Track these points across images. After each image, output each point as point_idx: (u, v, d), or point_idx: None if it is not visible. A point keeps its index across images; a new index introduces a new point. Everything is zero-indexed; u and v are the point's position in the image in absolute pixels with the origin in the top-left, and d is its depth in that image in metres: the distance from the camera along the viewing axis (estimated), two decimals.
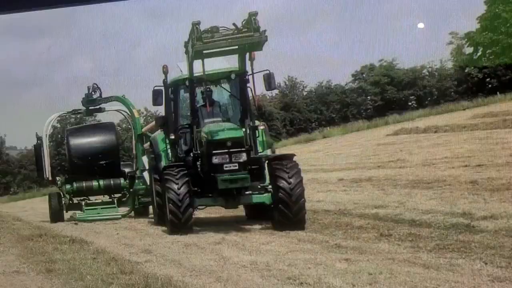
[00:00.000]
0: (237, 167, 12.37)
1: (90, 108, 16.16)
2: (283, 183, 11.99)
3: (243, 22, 12.00)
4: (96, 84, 16.18)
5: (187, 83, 13.32)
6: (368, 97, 28.91)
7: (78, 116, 20.52)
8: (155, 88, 13.55)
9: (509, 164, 13.87)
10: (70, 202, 15.08)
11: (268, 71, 12.98)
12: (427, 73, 27.88)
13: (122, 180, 15.76)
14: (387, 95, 28.26)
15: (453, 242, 9.37)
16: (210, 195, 12.84)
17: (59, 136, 22.58)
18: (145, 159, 15.30)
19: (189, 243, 11.35)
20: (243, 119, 13.18)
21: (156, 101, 13.62)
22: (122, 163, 16.99)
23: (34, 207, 17.53)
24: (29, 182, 21.41)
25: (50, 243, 12.20)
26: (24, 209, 17.69)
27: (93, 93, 16.06)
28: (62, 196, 14.88)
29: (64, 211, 14.84)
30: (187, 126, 13.65)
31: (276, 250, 10.03)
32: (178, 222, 12.24)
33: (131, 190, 15.41)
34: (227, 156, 12.37)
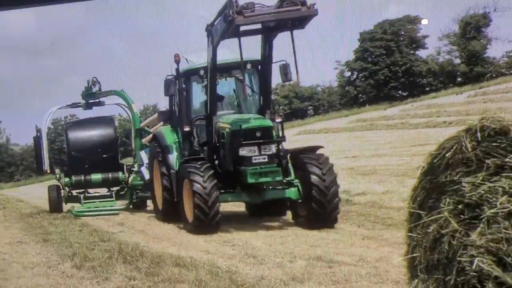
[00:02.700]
0: (266, 160, 8.66)
1: (90, 101, 13.10)
2: (317, 180, 8.49)
3: None
4: (96, 78, 13.06)
5: (201, 72, 9.32)
6: (281, 107, 29.56)
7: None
8: (167, 77, 9.88)
9: (374, 156, 14.32)
10: (69, 194, 12.51)
11: (284, 62, 9.21)
12: (320, 90, 28.74)
13: (120, 174, 12.75)
14: (293, 105, 28.93)
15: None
16: (231, 190, 9.02)
17: (56, 130, 19.44)
18: (143, 154, 12.27)
19: (152, 217, 11.21)
20: (265, 110, 9.26)
21: (168, 91, 9.89)
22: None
23: (33, 191, 16.87)
24: (29, 172, 20.49)
25: (46, 219, 11.86)
26: (25, 193, 17.01)
27: (92, 86, 13.01)
28: (61, 188, 12.44)
29: (64, 203, 12.39)
30: (203, 117, 9.63)
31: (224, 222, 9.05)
32: (205, 218, 8.45)
33: (129, 184, 12.62)
34: (256, 147, 8.65)
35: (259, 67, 9.45)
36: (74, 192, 12.44)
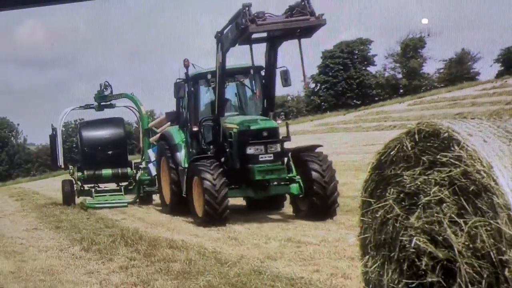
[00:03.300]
0: (272, 158, 8.12)
1: (102, 103, 12.32)
2: (317, 176, 8.00)
3: (290, 9, 7.54)
4: (108, 82, 12.27)
5: (208, 76, 8.75)
6: None
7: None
8: (177, 80, 9.26)
9: (334, 153, 14.31)
10: (81, 188, 11.77)
11: (285, 68, 8.58)
12: (290, 99, 28.92)
13: (129, 169, 11.94)
14: None
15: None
16: (236, 186, 8.35)
17: (67, 131, 18.05)
18: (150, 152, 11.55)
19: (150, 206, 11.06)
20: (268, 112, 8.65)
21: (177, 93, 9.22)
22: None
23: (47, 185, 16.53)
24: (44, 168, 20.02)
25: (58, 208, 11.60)
26: (40, 186, 16.64)
27: (104, 90, 12.23)
28: (74, 183, 11.72)
29: (76, 197, 11.66)
30: (210, 118, 8.92)
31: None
32: (214, 213, 7.86)
33: (137, 179, 11.76)
34: (262, 146, 8.10)
35: (263, 72, 8.74)
36: (86, 186, 11.88)
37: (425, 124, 3.30)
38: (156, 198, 10.89)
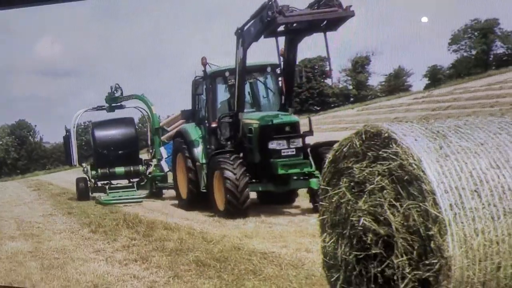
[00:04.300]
0: (294, 152, 6.97)
1: (113, 105, 11.14)
2: None
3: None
4: (118, 84, 11.07)
5: (226, 73, 7.51)
6: None
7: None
8: (196, 78, 8.04)
9: None
10: (95, 185, 10.56)
11: (300, 66, 7.51)
12: None
13: (140, 166, 10.74)
14: None
15: None
16: (256, 180, 7.14)
17: (78, 132, 17.89)
18: (162, 149, 10.37)
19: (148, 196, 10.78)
20: (287, 108, 7.45)
21: (196, 91, 8.01)
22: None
23: (61, 177, 16.10)
24: (57, 162, 19.33)
25: (70, 197, 11.20)
26: (54, 178, 16.19)
27: (115, 92, 11.09)
28: (88, 180, 10.57)
29: (90, 193, 10.44)
30: (229, 114, 7.60)
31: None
32: (236, 204, 6.77)
33: (149, 175, 10.54)
34: (284, 141, 6.93)
35: (279, 70, 7.45)
36: (99, 183, 10.67)
37: (370, 126, 3.37)
38: (165, 192, 9.88)
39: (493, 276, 2.85)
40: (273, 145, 7.02)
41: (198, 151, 8.06)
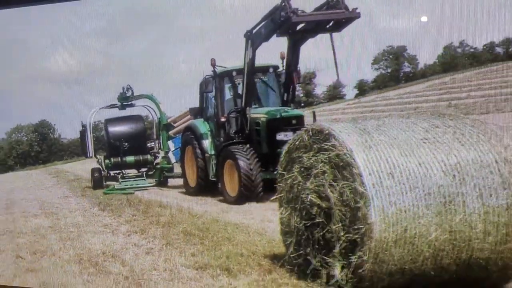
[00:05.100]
0: None
1: (124, 103, 10.82)
2: None
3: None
4: (129, 85, 10.73)
5: (233, 73, 7.16)
6: None
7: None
8: (206, 77, 7.54)
9: None
10: (108, 175, 10.27)
11: (299, 67, 6.84)
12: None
13: (149, 156, 10.48)
14: None
15: None
16: (263, 169, 6.50)
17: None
18: (170, 143, 10.09)
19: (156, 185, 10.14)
20: (289, 104, 6.98)
21: (206, 89, 7.50)
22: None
23: (76, 166, 15.92)
24: (73, 154, 19.09)
25: (83, 182, 11.07)
26: (70, 167, 16.02)
27: (126, 92, 10.74)
28: (102, 170, 10.26)
29: (104, 182, 10.11)
30: (237, 109, 7.09)
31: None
32: (251, 187, 6.28)
33: (156, 165, 10.23)
34: (291, 133, 6.32)
35: (282, 70, 7.05)
36: (112, 173, 10.38)
37: (316, 125, 3.63)
38: (170, 181, 9.62)
39: (402, 236, 3.18)
40: (280, 136, 6.61)
41: (207, 143, 7.75)
